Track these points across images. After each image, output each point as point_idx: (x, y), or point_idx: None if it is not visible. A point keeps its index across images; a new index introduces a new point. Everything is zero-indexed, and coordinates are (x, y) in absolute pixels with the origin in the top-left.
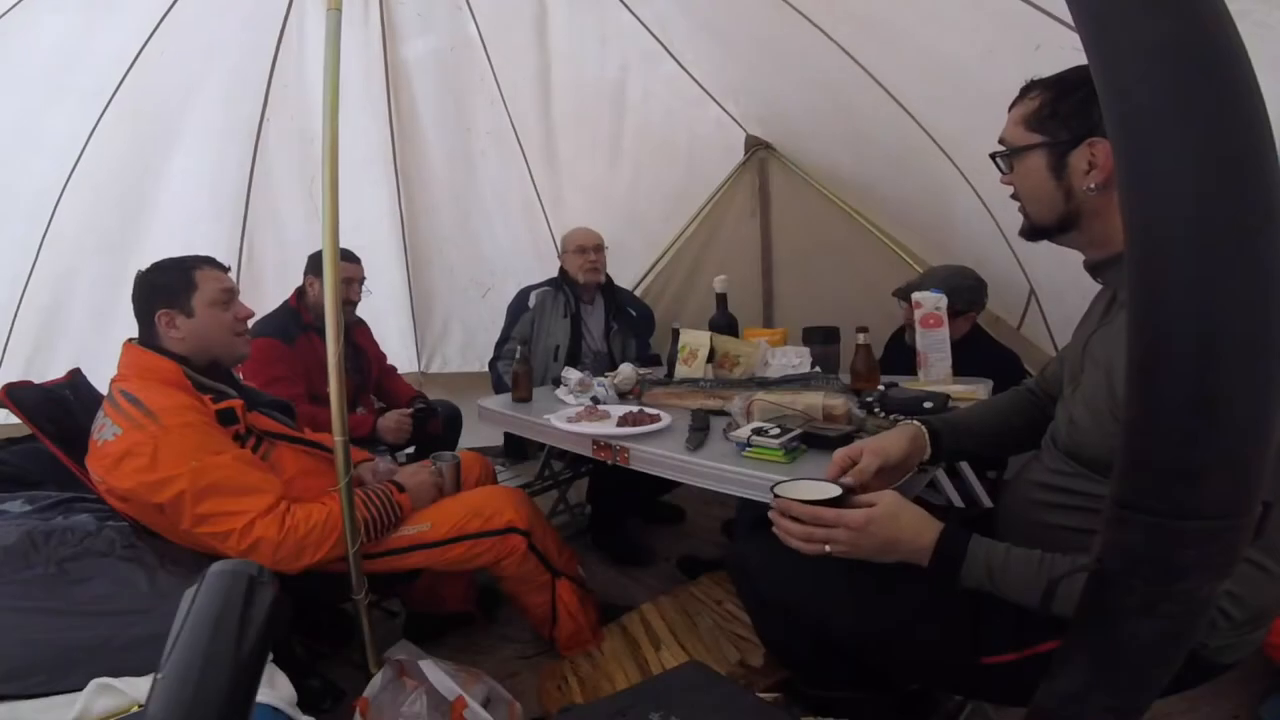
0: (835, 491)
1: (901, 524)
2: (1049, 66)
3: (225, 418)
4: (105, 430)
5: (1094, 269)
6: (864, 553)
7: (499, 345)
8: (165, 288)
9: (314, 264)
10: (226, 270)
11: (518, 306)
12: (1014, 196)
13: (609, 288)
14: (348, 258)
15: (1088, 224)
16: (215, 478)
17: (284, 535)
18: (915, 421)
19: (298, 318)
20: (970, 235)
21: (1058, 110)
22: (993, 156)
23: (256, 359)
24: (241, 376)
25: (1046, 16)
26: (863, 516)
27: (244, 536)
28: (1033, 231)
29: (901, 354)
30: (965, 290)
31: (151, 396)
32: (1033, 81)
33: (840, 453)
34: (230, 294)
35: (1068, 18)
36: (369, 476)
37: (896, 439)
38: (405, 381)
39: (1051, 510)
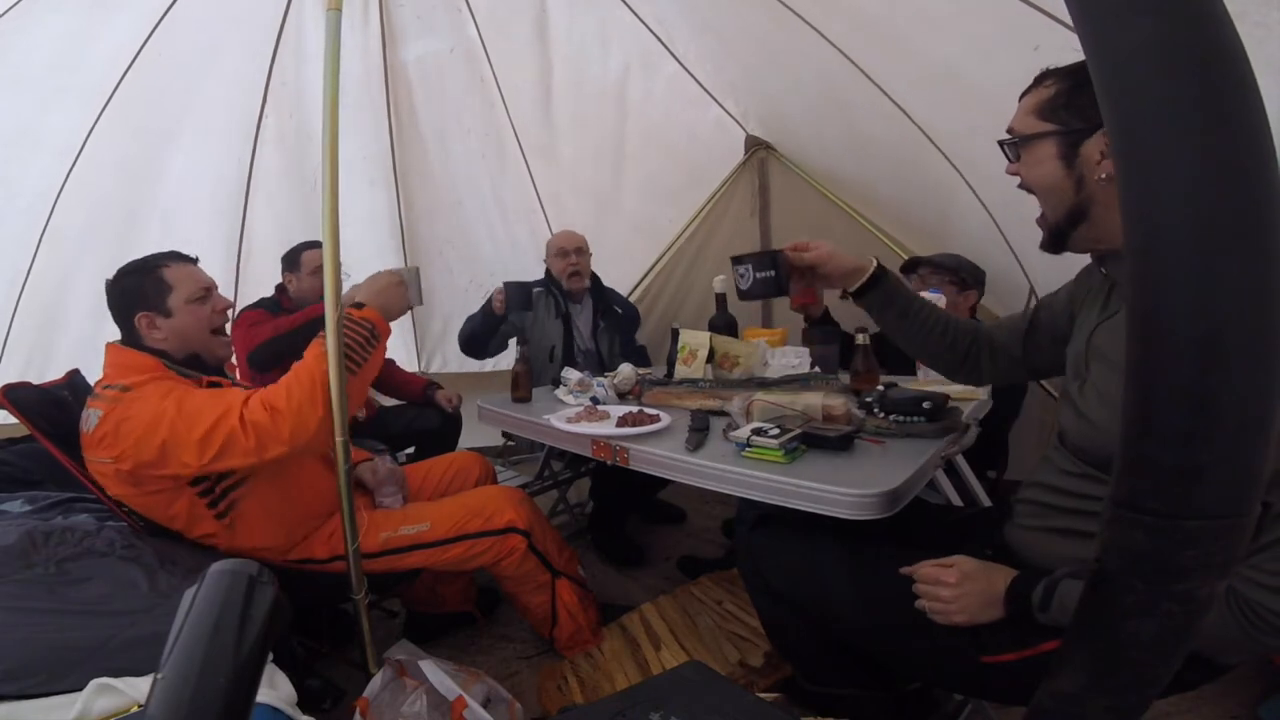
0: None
1: (992, 573)
2: (1049, 66)
3: None
4: (90, 420)
5: (1100, 259)
6: (969, 609)
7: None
8: (137, 292)
9: (289, 261)
10: (196, 261)
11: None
12: (1022, 187)
13: (596, 287)
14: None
15: (1098, 216)
16: (197, 401)
17: (269, 413)
18: (877, 260)
19: (279, 304)
20: (970, 234)
21: (1073, 99)
22: (1001, 144)
23: (241, 324)
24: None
25: (1045, 17)
26: (956, 571)
27: (246, 433)
28: (1052, 237)
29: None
30: (970, 267)
31: (127, 379)
32: (1048, 70)
33: (802, 242)
34: (207, 289)
35: (1067, 18)
36: (369, 477)
37: (849, 257)
38: (408, 372)
39: (1059, 514)
